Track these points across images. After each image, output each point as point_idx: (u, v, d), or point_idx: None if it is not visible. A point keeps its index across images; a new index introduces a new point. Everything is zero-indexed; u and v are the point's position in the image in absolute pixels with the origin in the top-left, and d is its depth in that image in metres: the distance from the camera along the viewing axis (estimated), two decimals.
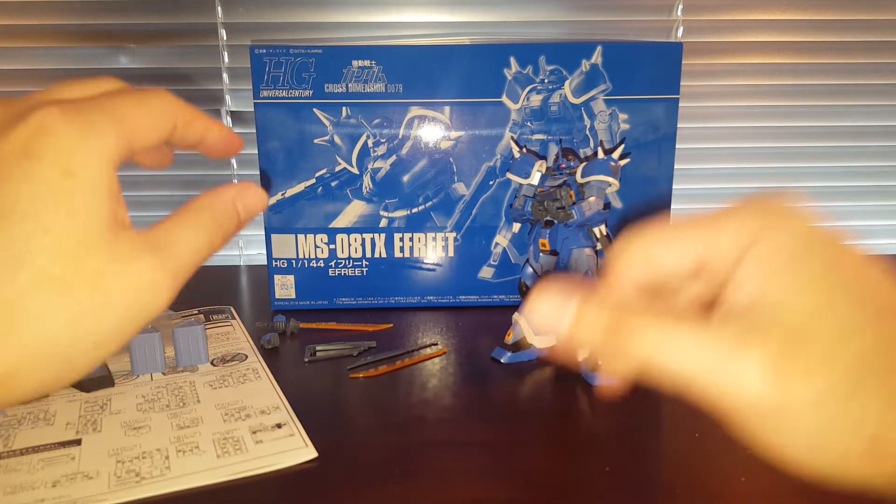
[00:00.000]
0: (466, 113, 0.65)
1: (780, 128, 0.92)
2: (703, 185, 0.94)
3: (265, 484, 0.39)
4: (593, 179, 0.51)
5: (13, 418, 0.45)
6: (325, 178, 0.66)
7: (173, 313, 0.65)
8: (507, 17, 0.86)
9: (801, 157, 0.92)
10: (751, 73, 0.90)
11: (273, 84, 0.63)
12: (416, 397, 0.49)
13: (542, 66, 0.64)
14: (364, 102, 0.64)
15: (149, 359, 0.53)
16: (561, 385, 0.52)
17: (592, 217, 0.51)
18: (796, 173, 0.94)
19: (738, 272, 0.22)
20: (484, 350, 0.58)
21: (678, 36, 0.87)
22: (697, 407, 0.22)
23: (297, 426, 0.44)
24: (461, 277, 0.69)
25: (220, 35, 0.86)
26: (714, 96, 0.90)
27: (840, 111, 0.91)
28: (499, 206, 0.67)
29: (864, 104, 0.91)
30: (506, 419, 0.46)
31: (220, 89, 0.87)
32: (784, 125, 0.92)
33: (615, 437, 0.44)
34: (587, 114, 0.65)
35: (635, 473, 0.39)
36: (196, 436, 0.43)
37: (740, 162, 0.93)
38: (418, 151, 0.65)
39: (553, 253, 0.53)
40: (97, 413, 0.46)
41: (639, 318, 0.22)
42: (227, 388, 0.50)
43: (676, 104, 0.65)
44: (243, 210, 0.25)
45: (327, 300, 0.69)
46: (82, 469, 0.39)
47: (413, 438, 0.44)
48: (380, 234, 0.67)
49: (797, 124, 0.92)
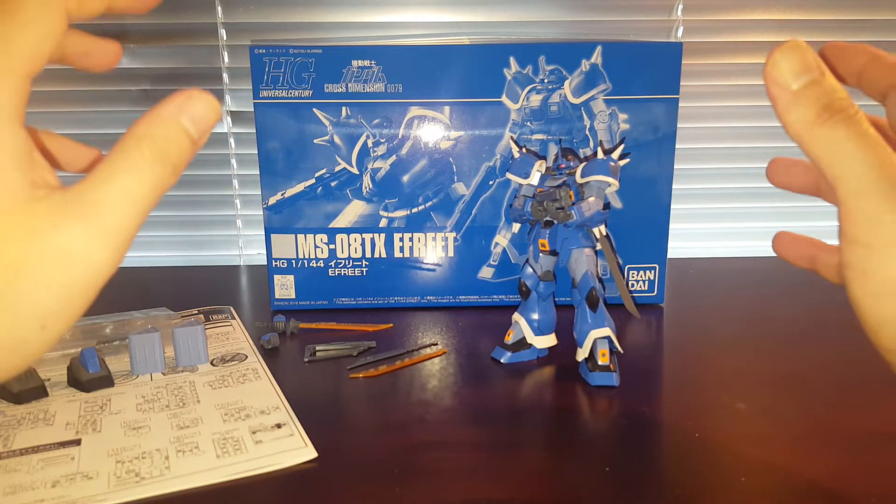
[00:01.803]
0: (466, 113, 0.65)
1: (780, 128, 0.92)
2: (703, 184, 0.94)
3: (265, 484, 0.39)
4: (593, 179, 0.51)
5: (13, 418, 0.45)
6: (324, 178, 0.66)
7: (173, 313, 0.65)
8: (507, 17, 0.86)
9: (802, 156, 0.92)
10: (751, 73, 0.90)
11: (273, 84, 0.63)
12: (416, 397, 0.49)
13: (542, 65, 0.64)
14: (364, 102, 0.64)
15: (148, 359, 0.53)
16: (561, 385, 0.52)
17: (592, 217, 0.51)
18: None
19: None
20: (484, 350, 0.58)
21: (678, 36, 0.87)
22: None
23: (297, 426, 0.44)
24: (461, 277, 0.69)
25: (220, 35, 0.86)
26: (714, 96, 0.90)
27: None
28: (498, 206, 0.67)
29: (864, 104, 0.91)
30: (506, 419, 0.46)
31: (220, 89, 0.87)
32: None
33: (615, 437, 0.44)
34: (587, 114, 0.65)
35: (635, 473, 0.39)
36: (196, 436, 0.43)
37: (740, 162, 0.93)
38: (418, 151, 0.65)
39: (553, 253, 0.53)
40: (97, 413, 0.46)
41: (853, 109, 0.24)
42: (227, 389, 0.50)
43: (676, 104, 0.65)
44: (192, 125, 0.21)
45: (327, 300, 0.69)
46: (82, 469, 0.39)
47: (413, 438, 0.44)
48: (380, 234, 0.67)
49: None
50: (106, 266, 0.19)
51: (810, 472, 0.39)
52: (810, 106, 0.24)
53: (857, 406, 0.48)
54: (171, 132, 0.20)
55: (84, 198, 0.19)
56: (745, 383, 0.51)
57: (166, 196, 0.91)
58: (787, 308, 0.69)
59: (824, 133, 0.24)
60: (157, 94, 0.87)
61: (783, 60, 0.24)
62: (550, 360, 0.56)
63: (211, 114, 0.21)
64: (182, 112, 0.20)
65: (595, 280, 0.51)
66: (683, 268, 0.83)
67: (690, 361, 0.56)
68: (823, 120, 0.24)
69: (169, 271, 0.86)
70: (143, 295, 0.73)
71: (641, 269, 0.69)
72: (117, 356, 0.56)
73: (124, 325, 0.61)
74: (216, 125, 0.21)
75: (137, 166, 0.19)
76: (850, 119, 0.23)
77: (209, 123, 0.21)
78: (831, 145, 0.23)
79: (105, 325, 0.61)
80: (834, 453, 0.41)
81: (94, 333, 0.59)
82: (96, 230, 0.19)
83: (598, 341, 0.51)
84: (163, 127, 0.20)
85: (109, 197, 0.19)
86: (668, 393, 0.50)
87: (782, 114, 0.24)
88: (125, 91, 0.87)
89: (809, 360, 0.56)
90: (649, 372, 0.54)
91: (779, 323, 0.65)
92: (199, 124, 0.21)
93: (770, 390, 0.50)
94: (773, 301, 0.71)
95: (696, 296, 0.73)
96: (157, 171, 0.20)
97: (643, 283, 0.69)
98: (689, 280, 0.79)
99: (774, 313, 0.67)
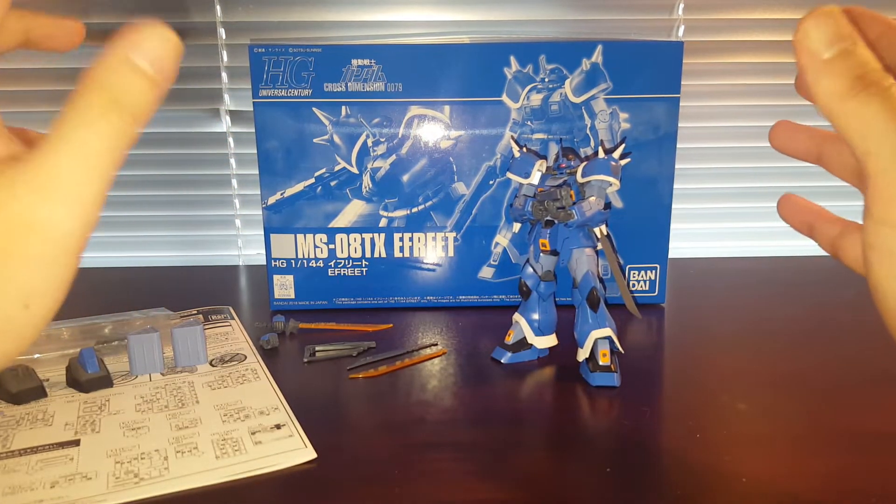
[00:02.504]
0: (466, 112, 0.65)
1: None
2: (704, 184, 0.94)
3: (264, 485, 0.38)
4: (594, 179, 0.51)
5: (11, 419, 0.45)
6: (324, 177, 0.65)
7: (172, 313, 0.65)
8: (508, 16, 0.86)
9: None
10: (752, 72, 0.89)
11: (272, 83, 0.63)
12: (416, 398, 0.49)
13: (543, 65, 0.64)
14: (363, 101, 0.64)
15: (147, 359, 0.53)
16: (561, 385, 0.51)
17: (593, 217, 0.51)
18: (797, 173, 0.94)
19: None
20: (484, 350, 0.58)
21: (679, 35, 0.87)
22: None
23: (297, 427, 0.44)
24: (461, 277, 0.68)
25: (219, 34, 0.85)
26: (715, 95, 0.90)
27: None
28: (499, 206, 0.67)
29: None
30: (506, 420, 0.46)
31: (220, 88, 0.87)
32: None
33: (615, 437, 0.43)
34: (588, 113, 0.65)
35: (635, 473, 0.39)
36: (195, 436, 0.43)
37: (741, 161, 0.93)
38: (418, 151, 0.65)
39: (553, 253, 0.53)
40: (96, 413, 0.46)
41: (888, 82, 0.22)
42: (226, 389, 0.50)
43: (677, 103, 0.65)
44: (151, 65, 0.18)
45: (327, 300, 0.68)
46: (81, 470, 0.39)
47: (413, 439, 0.44)
48: (379, 233, 0.67)
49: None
50: (76, 233, 0.18)
51: (811, 472, 0.39)
52: (842, 77, 0.22)
53: (857, 406, 0.47)
54: (125, 76, 0.18)
55: (41, 164, 0.18)
56: (745, 383, 0.51)
57: (166, 196, 0.92)
58: (787, 308, 0.69)
59: (856, 106, 0.22)
60: None
61: (814, 28, 0.23)
62: (551, 360, 0.56)
63: (168, 47, 0.19)
64: (135, 51, 0.18)
65: (596, 280, 0.51)
66: (684, 268, 0.83)
67: (691, 362, 0.56)
68: (856, 92, 0.22)
69: (168, 271, 0.86)
70: (141, 295, 0.73)
71: (642, 268, 0.69)
72: (116, 356, 0.56)
73: (123, 326, 0.61)
74: (179, 61, 0.19)
75: (91, 121, 0.18)
76: (885, 92, 0.22)
77: (169, 59, 0.19)
78: (863, 119, 0.22)
79: (104, 325, 0.60)
80: (834, 453, 0.41)
81: (93, 333, 0.59)
82: (57, 198, 0.17)
83: (598, 341, 0.51)
84: (116, 74, 0.18)
85: (65, 160, 0.17)
86: (668, 393, 0.50)
87: (812, 84, 0.23)
88: None
89: (809, 360, 0.55)
90: (650, 372, 0.54)
91: (779, 323, 0.65)
92: (157, 62, 0.18)
93: (770, 390, 0.50)
94: (774, 301, 0.71)
95: (696, 296, 0.73)
96: (114, 123, 0.18)
97: (644, 283, 0.69)
98: (690, 280, 0.79)
99: (775, 313, 0.67)
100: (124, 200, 0.91)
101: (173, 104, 0.88)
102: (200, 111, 0.88)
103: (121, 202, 0.91)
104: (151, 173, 0.91)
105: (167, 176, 0.91)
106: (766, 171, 0.93)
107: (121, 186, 0.90)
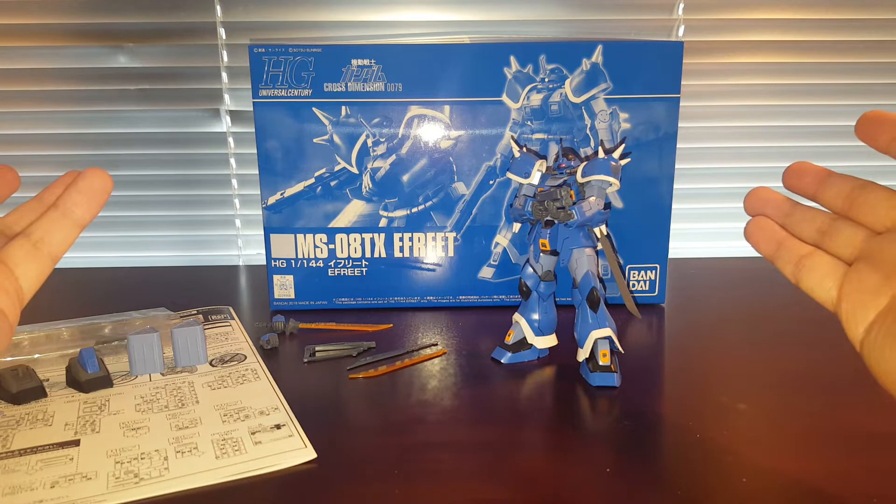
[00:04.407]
0: (466, 112, 0.65)
1: (780, 127, 0.92)
2: (704, 184, 0.94)
3: (264, 485, 0.38)
4: (594, 179, 0.51)
5: (12, 419, 0.45)
6: (324, 177, 0.65)
7: (172, 313, 0.65)
8: (508, 16, 0.86)
9: (802, 156, 0.92)
10: (752, 72, 0.89)
11: (272, 83, 0.63)
12: (416, 398, 0.49)
13: (543, 65, 0.64)
14: (363, 101, 0.64)
15: (147, 359, 0.53)
16: (561, 385, 0.51)
17: (593, 217, 0.51)
18: None
19: None
20: (484, 350, 0.58)
21: (679, 35, 0.87)
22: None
23: (297, 427, 0.44)
24: (461, 277, 0.68)
25: (219, 34, 0.85)
26: (715, 95, 0.90)
27: (841, 110, 0.91)
28: (499, 206, 0.67)
29: (866, 104, 0.91)
30: (506, 420, 0.46)
31: (219, 88, 0.87)
32: (785, 125, 0.92)
33: (616, 438, 0.43)
34: (588, 113, 0.65)
35: (635, 473, 0.39)
36: (195, 437, 0.43)
37: (741, 161, 0.93)
38: (418, 151, 0.65)
39: (553, 253, 0.53)
40: (96, 414, 0.46)
41: None
42: (226, 389, 0.50)
43: (677, 103, 0.65)
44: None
45: (327, 300, 0.68)
46: (81, 470, 0.39)
47: (413, 439, 0.44)
48: (379, 233, 0.67)
49: (798, 124, 0.92)
50: None
51: (811, 472, 0.39)
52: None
53: (857, 406, 0.47)
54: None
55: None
56: (745, 383, 0.51)
57: (166, 196, 0.92)
58: (787, 308, 0.69)
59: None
60: (155, 93, 0.87)
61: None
62: (551, 360, 0.56)
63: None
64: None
65: (596, 280, 0.51)
66: (684, 268, 0.83)
67: (691, 362, 0.56)
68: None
69: (168, 271, 0.86)
70: (141, 295, 0.73)
71: (642, 268, 0.69)
72: (116, 356, 0.56)
73: (123, 326, 0.61)
74: None
75: None
76: None
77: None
78: None
79: (104, 325, 0.60)
80: (834, 453, 0.41)
81: (93, 334, 0.59)
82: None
83: (598, 341, 0.51)
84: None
85: None
86: (668, 393, 0.50)
87: None
88: (124, 90, 0.87)
89: (809, 360, 0.55)
90: (650, 372, 0.54)
91: (779, 323, 0.65)
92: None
93: (771, 390, 0.50)
94: (774, 301, 0.71)
95: (696, 296, 0.73)
96: None
97: (644, 282, 0.69)
98: (690, 280, 0.79)
99: (775, 313, 0.67)
100: (124, 200, 0.91)
101: (173, 104, 0.88)
102: (200, 111, 0.88)
103: (121, 202, 0.91)
104: (151, 173, 0.91)
105: (167, 176, 0.91)
106: (767, 171, 0.93)
107: (121, 186, 0.90)
